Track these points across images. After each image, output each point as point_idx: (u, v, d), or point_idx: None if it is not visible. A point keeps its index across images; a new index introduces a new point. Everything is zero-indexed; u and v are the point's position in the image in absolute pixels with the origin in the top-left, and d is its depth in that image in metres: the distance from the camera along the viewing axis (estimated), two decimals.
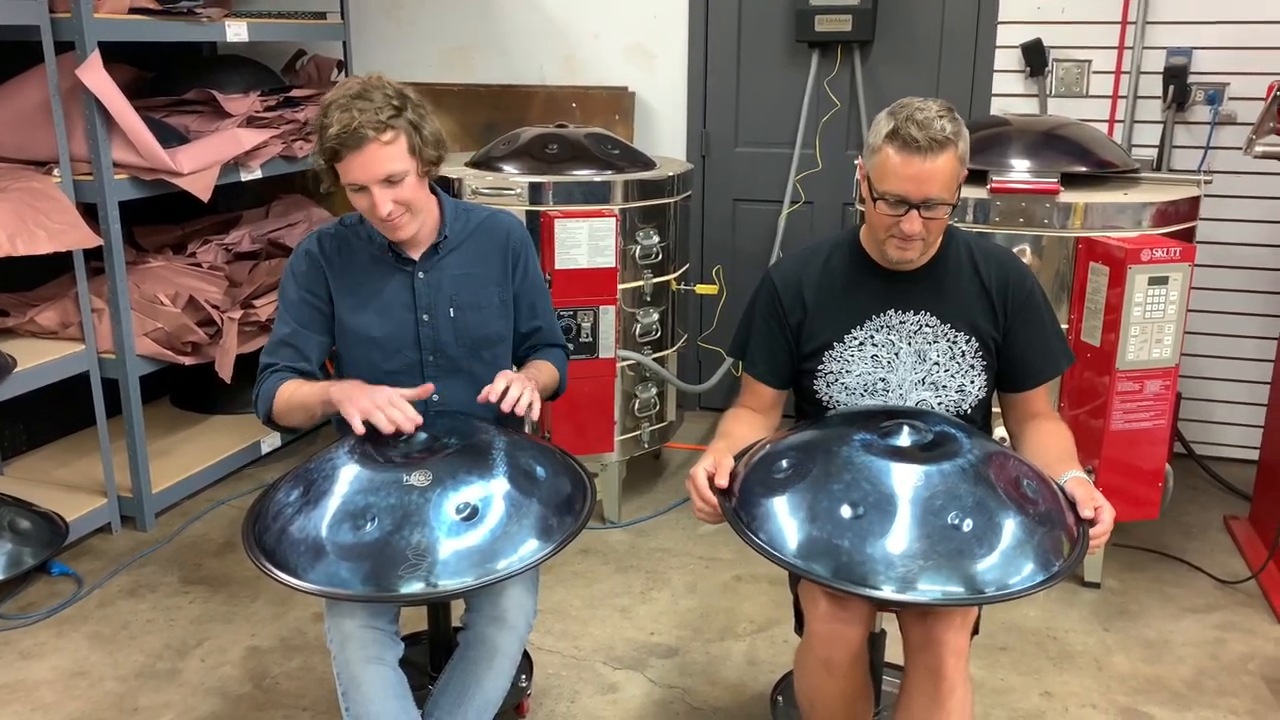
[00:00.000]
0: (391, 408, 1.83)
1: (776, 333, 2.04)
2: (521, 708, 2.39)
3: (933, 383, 1.97)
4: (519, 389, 1.92)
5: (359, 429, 1.82)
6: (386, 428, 1.82)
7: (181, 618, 2.85)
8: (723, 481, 1.80)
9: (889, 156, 1.82)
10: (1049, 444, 1.94)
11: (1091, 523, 1.72)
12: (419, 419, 1.85)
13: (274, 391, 2.02)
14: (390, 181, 1.90)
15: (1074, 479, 1.80)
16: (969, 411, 1.99)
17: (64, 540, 3.06)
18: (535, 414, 1.96)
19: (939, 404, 1.97)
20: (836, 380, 1.99)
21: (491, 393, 1.91)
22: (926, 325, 1.97)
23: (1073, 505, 1.75)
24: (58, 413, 3.71)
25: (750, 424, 2.04)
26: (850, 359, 1.98)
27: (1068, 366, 2.06)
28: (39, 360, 3.00)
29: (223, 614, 2.86)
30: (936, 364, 1.97)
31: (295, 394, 2.00)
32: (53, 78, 2.93)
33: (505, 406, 1.90)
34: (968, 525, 1.61)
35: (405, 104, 1.91)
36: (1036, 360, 2.00)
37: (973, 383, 1.98)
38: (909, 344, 1.97)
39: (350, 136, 1.85)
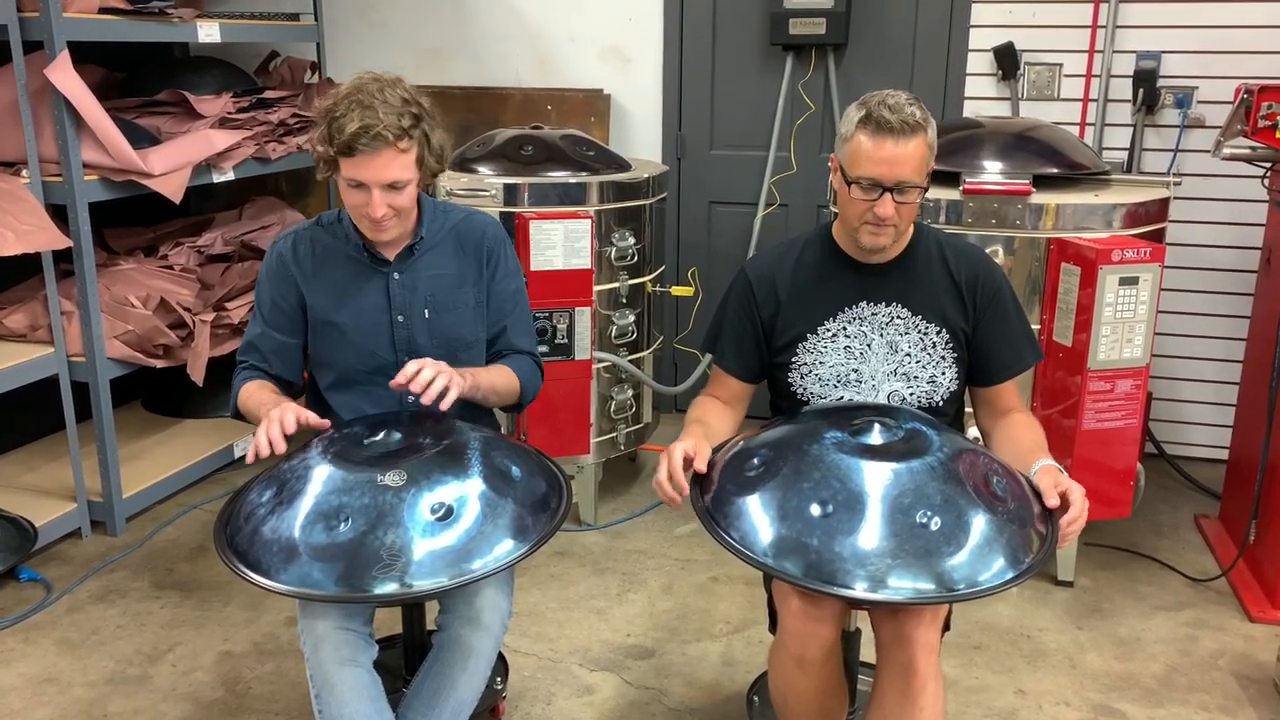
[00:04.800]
0: (272, 426, 1.80)
1: (748, 327, 2.06)
2: (497, 710, 2.38)
3: (904, 374, 1.99)
4: (431, 373, 1.85)
5: (249, 459, 1.81)
6: (263, 449, 1.78)
7: (152, 623, 2.82)
8: (701, 467, 1.80)
9: (862, 142, 1.85)
10: (1020, 436, 1.96)
11: (1063, 509, 1.73)
12: (280, 446, 1.80)
13: (238, 390, 2.06)
14: (393, 187, 1.90)
15: (1042, 468, 1.82)
16: (941, 404, 2.00)
17: (33, 545, 3.02)
18: (446, 404, 1.87)
19: (911, 395, 1.99)
20: (810, 372, 2.01)
21: (401, 375, 1.85)
22: (898, 317, 1.99)
23: (1042, 503, 1.77)
24: (26, 416, 3.66)
25: (719, 414, 2.05)
26: (823, 350, 2.00)
27: (1035, 362, 2.08)
28: (7, 363, 2.97)
29: (194, 619, 2.84)
30: (908, 355, 1.98)
31: (249, 400, 2.01)
32: (21, 78, 2.89)
33: (415, 387, 1.83)
34: (936, 523, 1.61)
35: (422, 113, 1.91)
36: (1004, 354, 2.02)
37: (944, 374, 1.99)
38: (881, 335, 1.99)
39: (371, 138, 1.83)
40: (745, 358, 2.07)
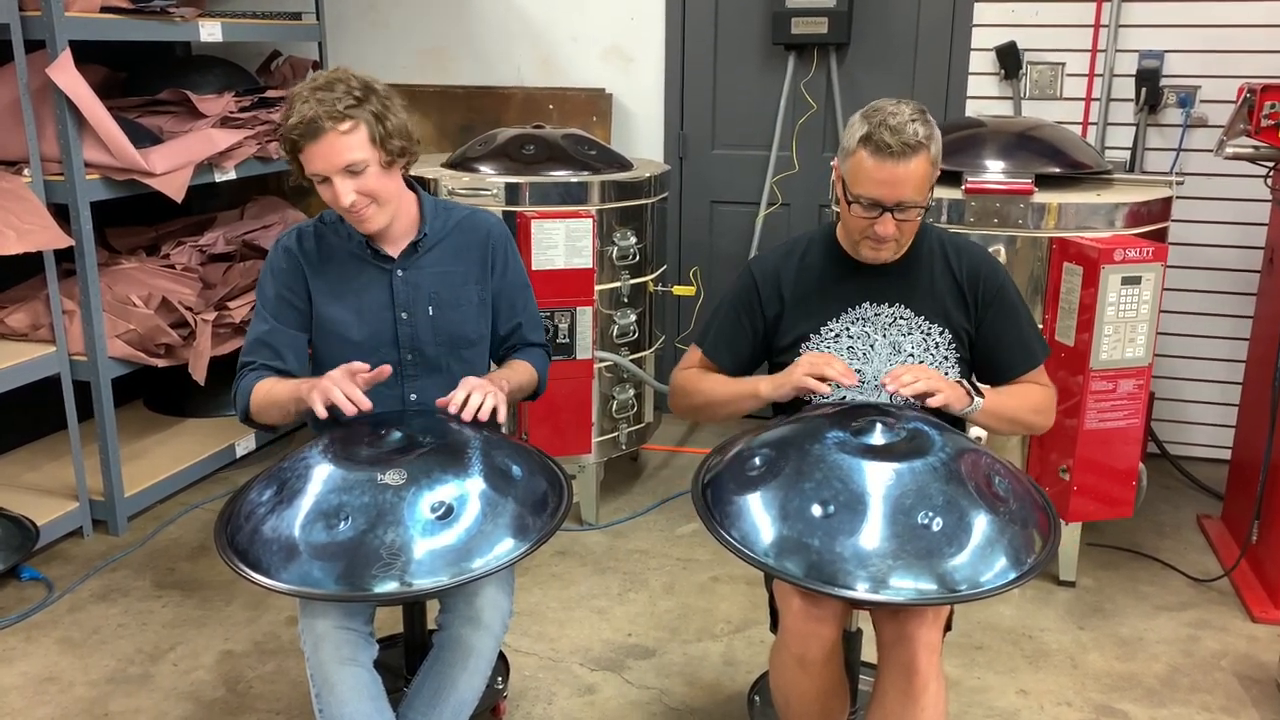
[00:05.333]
0: (346, 383, 1.84)
1: (745, 324, 2.07)
2: (498, 710, 2.38)
3: None
4: (479, 396, 1.91)
5: (321, 413, 1.83)
6: (348, 407, 1.82)
7: (154, 622, 2.82)
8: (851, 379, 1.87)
9: (863, 161, 1.84)
10: (1010, 389, 1.99)
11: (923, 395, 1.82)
12: (366, 403, 1.84)
13: (250, 390, 2.02)
14: (351, 171, 1.91)
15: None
16: None
17: (34, 544, 3.02)
18: (501, 417, 1.94)
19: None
20: None
21: (451, 404, 1.91)
22: (901, 317, 1.99)
23: (1045, 503, 1.77)
24: (28, 416, 3.67)
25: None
26: (826, 350, 2.00)
27: (1045, 358, 2.08)
28: (9, 362, 2.97)
29: (196, 618, 2.84)
30: (911, 355, 1.98)
31: (270, 392, 1.99)
32: (23, 76, 2.89)
33: (466, 416, 1.89)
34: (938, 524, 1.61)
35: (368, 95, 1.91)
36: (1015, 353, 2.02)
37: (946, 375, 1.99)
38: (884, 335, 1.99)
39: (307, 127, 1.86)
40: (738, 354, 2.09)
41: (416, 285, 2.07)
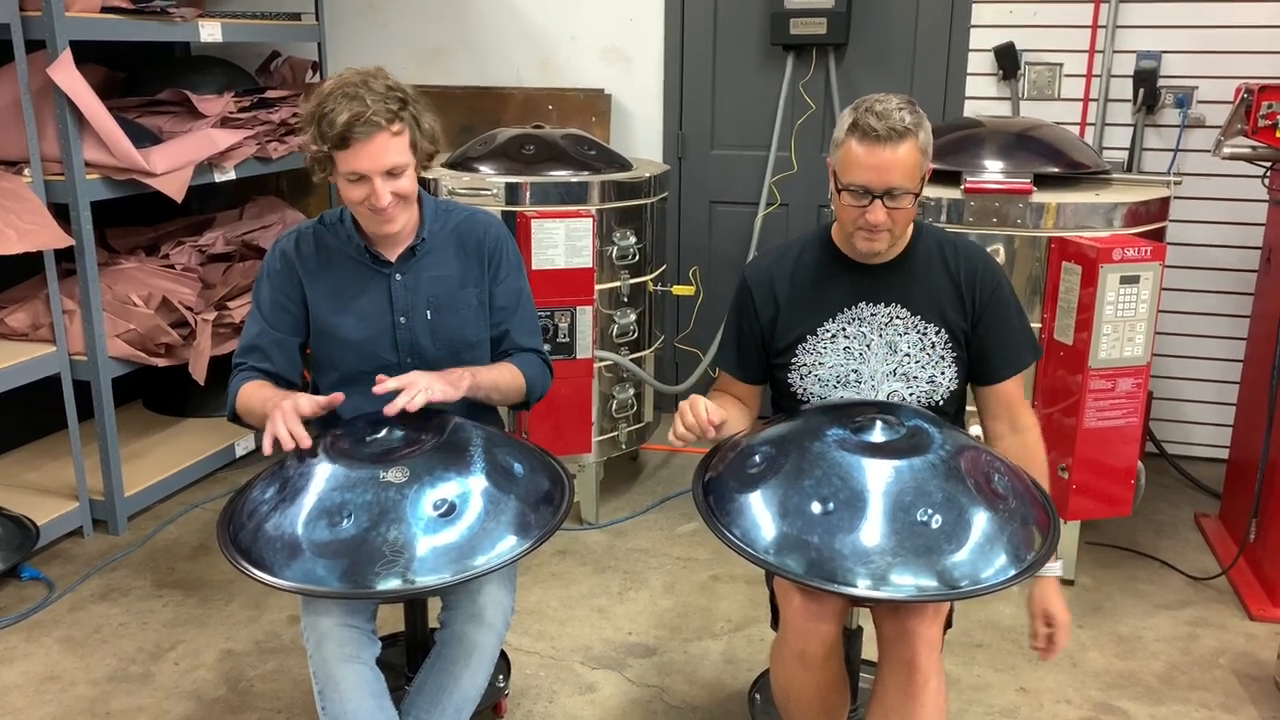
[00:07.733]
0: (284, 421, 1.79)
1: (746, 331, 2.08)
2: (499, 708, 2.39)
3: (904, 374, 1.99)
4: (408, 397, 1.85)
5: (268, 449, 1.79)
6: (287, 443, 1.78)
7: (154, 621, 2.82)
8: (717, 420, 1.84)
9: (851, 148, 1.85)
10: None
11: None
12: (306, 440, 1.80)
13: (236, 392, 2.03)
14: (392, 174, 1.91)
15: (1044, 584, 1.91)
16: (941, 403, 2.01)
17: (34, 544, 3.02)
18: (419, 404, 1.86)
19: (910, 395, 1.99)
20: (810, 372, 2.01)
21: (379, 388, 1.87)
22: (897, 317, 1.99)
23: (1045, 500, 1.77)
24: (28, 415, 3.67)
25: (733, 406, 2.08)
26: (823, 351, 2.00)
27: (1034, 360, 2.08)
28: (9, 362, 2.97)
29: (197, 617, 2.84)
30: (907, 355, 1.99)
31: (251, 398, 1.99)
32: (23, 76, 2.90)
33: (388, 410, 1.85)
34: (937, 521, 1.62)
35: (407, 97, 1.93)
36: (1004, 352, 2.02)
37: (943, 374, 2.00)
38: (880, 335, 1.99)
39: (363, 125, 1.85)
40: (745, 361, 2.10)
41: (414, 289, 2.07)
